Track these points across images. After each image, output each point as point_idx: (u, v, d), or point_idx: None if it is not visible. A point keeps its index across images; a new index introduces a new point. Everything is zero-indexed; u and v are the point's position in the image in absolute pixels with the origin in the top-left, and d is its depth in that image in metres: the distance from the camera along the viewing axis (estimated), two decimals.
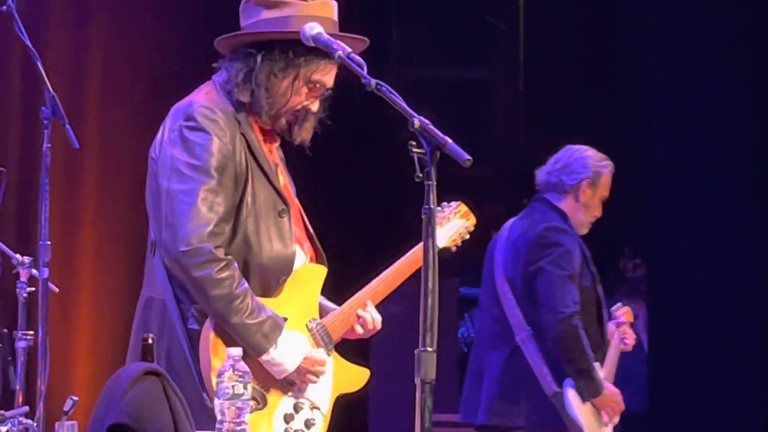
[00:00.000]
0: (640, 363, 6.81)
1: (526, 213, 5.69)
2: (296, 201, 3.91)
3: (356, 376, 3.97)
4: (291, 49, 3.66)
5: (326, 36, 3.48)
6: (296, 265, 3.80)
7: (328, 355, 3.82)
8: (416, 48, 8.12)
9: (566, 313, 5.36)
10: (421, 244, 4.10)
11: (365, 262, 4.08)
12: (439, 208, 3.87)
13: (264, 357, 3.65)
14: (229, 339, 3.58)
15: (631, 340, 5.76)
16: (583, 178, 5.66)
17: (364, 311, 3.92)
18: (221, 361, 3.30)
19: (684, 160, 6.34)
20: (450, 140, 3.14)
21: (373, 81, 3.28)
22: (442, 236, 4.11)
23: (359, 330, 3.96)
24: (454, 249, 3.96)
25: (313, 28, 3.49)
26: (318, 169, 3.94)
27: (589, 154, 5.73)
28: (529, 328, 5.46)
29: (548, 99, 8.48)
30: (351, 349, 3.97)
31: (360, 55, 3.47)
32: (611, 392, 5.55)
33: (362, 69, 3.34)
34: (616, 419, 5.57)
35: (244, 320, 3.61)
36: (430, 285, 3.15)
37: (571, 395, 5.43)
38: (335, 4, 3.73)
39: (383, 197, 7.95)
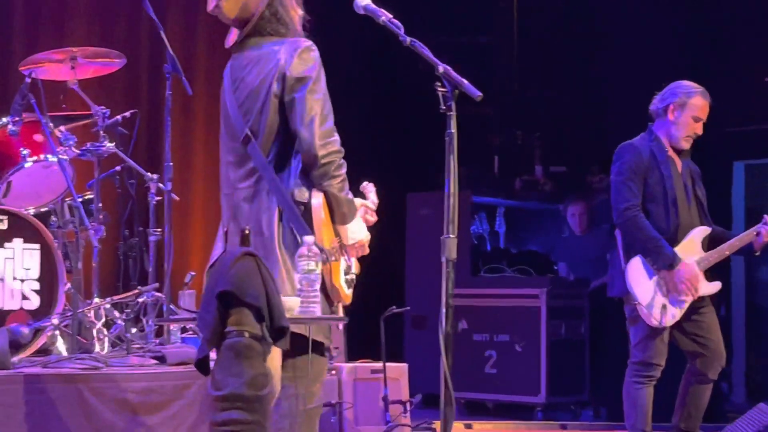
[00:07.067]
0: None
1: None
2: None
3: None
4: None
5: (373, 6, 3.53)
6: None
7: None
8: (437, 19, 8.44)
9: (622, 207, 4.65)
10: None
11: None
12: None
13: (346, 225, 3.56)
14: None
15: (760, 241, 4.65)
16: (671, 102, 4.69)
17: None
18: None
19: (634, 109, 6.07)
20: (465, 81, 3.14)
21: (408, 38, 3.27)
22: None
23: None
24: None
25: (364, 1, 3.54)
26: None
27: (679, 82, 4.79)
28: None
29: (534, 58, 8.91)
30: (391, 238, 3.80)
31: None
32: (686, 267, 4.48)
33: (400, 30, 3.30)
34: (688, 296, 4.46)
35: (347, 196, 3.48)
36: (451, 190, 3.15)
37: (631, 269, 4.56)
38: None
39: (414, 125, 8.24)
